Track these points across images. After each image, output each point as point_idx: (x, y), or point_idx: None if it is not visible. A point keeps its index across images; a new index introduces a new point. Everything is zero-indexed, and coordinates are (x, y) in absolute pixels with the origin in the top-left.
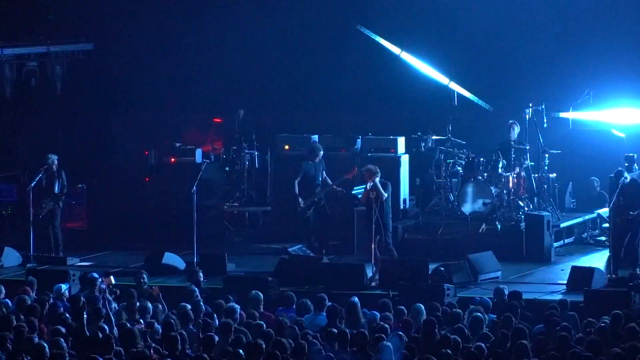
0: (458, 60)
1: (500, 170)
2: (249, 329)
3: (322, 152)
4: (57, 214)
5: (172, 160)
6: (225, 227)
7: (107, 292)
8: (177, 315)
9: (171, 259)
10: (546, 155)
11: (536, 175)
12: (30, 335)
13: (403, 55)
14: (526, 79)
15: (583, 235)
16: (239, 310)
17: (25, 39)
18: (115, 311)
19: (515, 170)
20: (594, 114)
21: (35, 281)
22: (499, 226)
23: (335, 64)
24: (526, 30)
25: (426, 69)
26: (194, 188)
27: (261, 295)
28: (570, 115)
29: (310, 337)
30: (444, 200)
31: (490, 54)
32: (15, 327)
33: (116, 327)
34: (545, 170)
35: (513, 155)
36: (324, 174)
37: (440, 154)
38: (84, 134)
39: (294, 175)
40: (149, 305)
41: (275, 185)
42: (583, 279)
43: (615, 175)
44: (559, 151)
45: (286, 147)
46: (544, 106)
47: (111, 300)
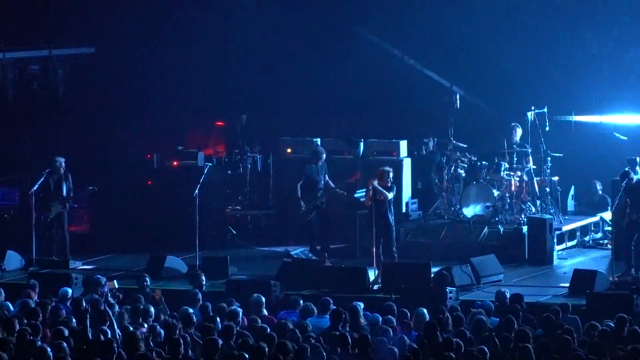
0: (460, 63)
1: (502, 173)
2: (251, 332)
3: (325, 156)
4: (65, 217)
5: (175, 163)
6: (228, 231)
7: (110, 296)
8: (180, 319)
9: (173, 262)
10: (548, 158)
11: (538, 178)
12: (33, 339)
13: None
14: (529, 81)
15: (585, 239)
16: (241, 313)
17: (28, 43)
18: (117, 314)
19: (518, 173)
20: (596, 117)
21: (37, 284)
22: (501, 229)
23: (338, 67)
24: (529, 32)
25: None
26: (197, 191)
27: (263, 299)
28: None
29: (313, 340)
30: (446, 203)
31: (493, 56)
32: (18, 331)
33: (119, 331)
34: (548, 173)
35: (515, 158)
36: (327, 178)
37: (442, 157)
38: (86, 138)
39: (297, 179)
40: (151, 309)
41: (277, 188)
42: (585, 282)
43: (620, 176)
44: (561, 154)
45: (288, 151)
46: (546, 109)
47: (114, 304)
